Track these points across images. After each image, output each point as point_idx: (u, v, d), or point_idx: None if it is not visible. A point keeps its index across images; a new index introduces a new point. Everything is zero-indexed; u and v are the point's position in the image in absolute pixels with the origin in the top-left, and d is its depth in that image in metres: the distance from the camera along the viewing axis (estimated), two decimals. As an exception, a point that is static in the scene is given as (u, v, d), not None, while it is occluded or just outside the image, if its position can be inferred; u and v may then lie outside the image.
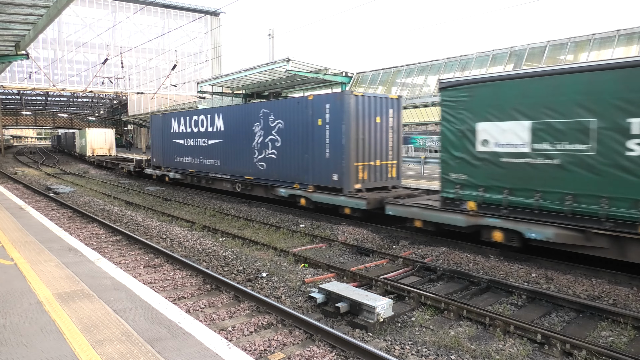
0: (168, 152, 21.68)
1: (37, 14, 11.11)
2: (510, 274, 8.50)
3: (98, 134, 42.32)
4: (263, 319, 6.27)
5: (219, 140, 17.90)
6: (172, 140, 21.25)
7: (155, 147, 23.09)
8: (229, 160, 17.36)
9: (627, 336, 5.94)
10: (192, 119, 19.61)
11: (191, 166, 19.80)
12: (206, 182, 18.97)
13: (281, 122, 14.56)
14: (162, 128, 22.21)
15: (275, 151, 14.92)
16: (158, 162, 22.95)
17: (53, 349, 3.85)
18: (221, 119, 17.69)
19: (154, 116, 23.57)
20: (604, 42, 16.71)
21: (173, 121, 21.09)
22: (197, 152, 19.28)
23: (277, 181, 14.95)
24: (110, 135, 43.07)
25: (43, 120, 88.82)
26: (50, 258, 6.80)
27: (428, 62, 22.44)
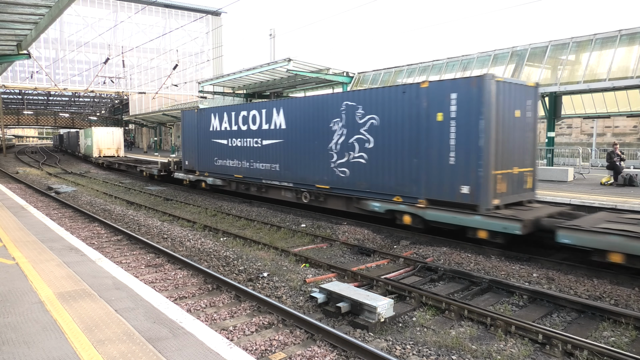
0: (205, 153, 18.72)
1: (39, 13, 11.12)
2: (511, 274, 8.49)
3: (105, 133, 39.25)
4: (264, 319, 6.27)
5: (278, 140, 14.90)
6: (211, 140, 18.16)
7: (188, 148, 19.96)
8: (292, 164, 14.37)
9: (628, 336, 5.93)
10: (240, 114, 16.57)
11: (237, 171, 16.88)
12: (258, 190, 16.12)
13: (375, 117, 11.55)
14: (197, 125, 19.16)
15: (364, 154, 11.93)
16: (191, 165, 19.80)
17: (54, 349, 3.86)
18: (281, 115, 14.70)
19: (187, 112, 20.24)
20: (606, 42, 16.68)
21: (213, 117, 18.01)
22: (246, 155, 16.37)
23: (367, 192, 11.97)
24: (118, 135, 40.10)
25: (44, 119, 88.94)
26: (51, 257, 6.80)
27: (429, 62, 22.42)
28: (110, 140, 39.35)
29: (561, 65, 17.85)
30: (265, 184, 15.60)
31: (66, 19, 50.24)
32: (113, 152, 39.20)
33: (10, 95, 69.19)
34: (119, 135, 40.23)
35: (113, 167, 34.46)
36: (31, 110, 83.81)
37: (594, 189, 14.14)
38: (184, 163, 20.60)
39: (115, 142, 39.73)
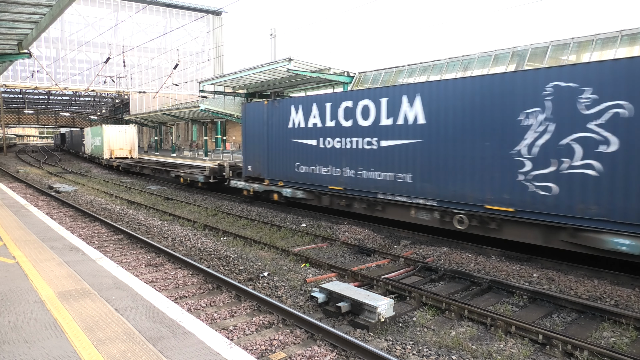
0: (280, 157, 14.91)
1: (40, 12, 11.13)
2: (511, 274, 8.49)
3: (117, 132, 35.20)
4: (264, 319, 6.28)
5: (409, 140, 10.92)
6: (289, 140, 14.37)
7: (253, 150, 16.18)
8: (437, 175, 10.33)
9: (628, 337, 5.93)
10: (342, 106, 12.57)
11: (334, 181, 12.91)
12: (368, 207, 12.00)
13: (621, 105, 7.64)
14: (267, 121, 15.43)
15: (594, 162, 7.98)
16: (257, 171, 16.04)
17: (55, 348, 3.86)
18: (417, 105, 10.67)
19: (252, 105, 16.60)
20: (607, 42, 16.67)
21: (294, 111, 14.25)
22: (349, 160, 12.43)
23: (599, 221, 7.94)
24: (132, 134, 35.94)
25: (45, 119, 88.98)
26: (52, 257, 6.81)
27: (430, 62, 22.43)
28: (123, 139, 35.33)
29: (562, 66, 17.83)
30: (383, 200, 11.50)
31: (67, 18, 50.27)
32: (126, 153, 35.28)
33: (11, 95, 69.26)
34: (133, 135, 36.13)
35: (131, 171, 30.51)
36: (32, 109, 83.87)
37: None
38: (245, 168, 16.72)
39: (129, 142, 35.65)
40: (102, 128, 34.98)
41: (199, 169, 22.71)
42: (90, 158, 41.18)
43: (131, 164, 30.16)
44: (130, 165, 30.24)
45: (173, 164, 27.44)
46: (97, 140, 37.00)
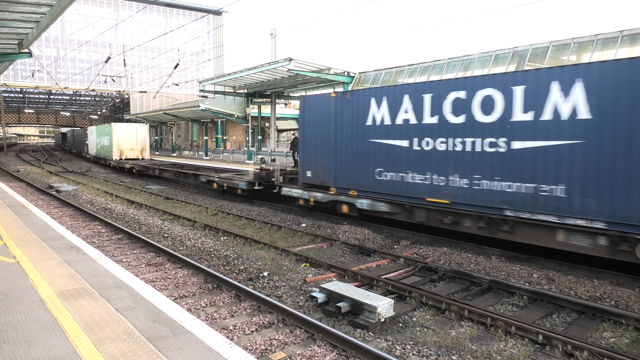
0: (353, 161, 12.33)
1: (41, 12, 11.14)
2: (511, 274, 8.49)
3: (128, 130, 32.72)
4: (264, 318, 6.28)
5: (564, 141, 8.38)
6: (367, 141, 11.89)
7: (315, 152, 13.58)
8: (610, 187, 7.85)
9: (628, 337, 5.93)
10: (448, 98, 10.07)
11: (434, 191, 10.40)
12: (487, 226, 9.55)
13: None
14: (334, 117, 12.76)
15: None
16: (319, 177, 13.47)
17: (55, 347, 3.86)
18: (579, 93, 8.14)
19: (313, 98, 13.97)
20: (607, 42, 16.67)
21: (374, 105, 11.70)
22: (458, 166, 9.95)
23: None
24: (143, 133, 33.34)
25: (45, 118, 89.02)
26: (52, 256, 6.81)
27: (430, 62, 22.42)
28: (134, 139, 32.77)
29: (562, 66, 17.82)
30: (513, 219, 9.05)
31: (67, 18, 50.27)
32: (137, 154, 32.75)
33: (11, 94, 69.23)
34: (144, 134, 33.50)
35: (147, 175, 27.51)
36: (32, 108, 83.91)
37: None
38: (302, 174, 14.12)
39: (140, 142, 33.06)
40: (111, 127, 32.21)
41: (234, 173, 19.95)
42: (95, 159, 38.64)
43: (147, 166, 27.02)
44: (146, 167, 27.00)
45: (194, 167, 24.82)
46: (105, 140, 34.46)
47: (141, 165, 27.82)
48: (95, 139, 38.37)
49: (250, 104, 33.44)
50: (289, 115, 47.57)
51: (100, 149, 36.29)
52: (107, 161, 33.75)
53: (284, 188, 14.89)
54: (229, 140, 46.54)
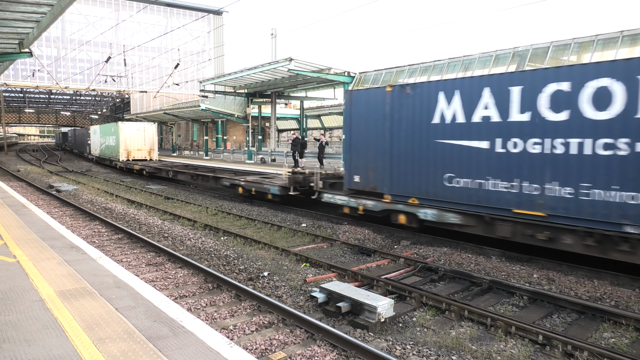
0: (415, 165, 10.77)
1: (41, 12, 11.13)
2: (511, 274, 8.49)
3: (135, 130, 30.91)
4: (264, 318, 6.28)
5: None
6: (433, 142, 10.31)
7: (364, 153, 11.97)
8: None
9: (629, 338, 5.93)
10: (544, 90, 8.57)
11: (524, 202, 8.93)
12: (599, 243, 8.08)
13: None
14: (391, 115, 11.18)
15: None
16: (370, 183, 11.87)
17: (55, 347, 3.86)
18: None
19: (363, 93, 12.47)
20: (608, 43, 16.65)
21: (443, 100, 10.11)
22: (558, 171, 8.45)
23: None
24: (151, 133, 31.58)
25: (46, 118, 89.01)
26: (52, 256, 6.81)
27: (431, 63, 22.41)
28: (142, 139, 30.95)
29: (563, 66, 17.81)
30: (638, 237, 7.61)
31: (68, 18, 50.27)
32: (145, 155, 30.99)
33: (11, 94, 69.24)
34: (153, 133, 31.75)
35: (159, 177, 25.57)
36: (32, 108, 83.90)
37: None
38: (348, 179, 12.45)
39: (148, 142, 31.34)
40: (118, 126, 30.51)
41: (260, 176, 18.15)
42: (99, 160, 36.92)
43: (159, 168, 24.99)
44: (158, 169, 24.91)
45: (209, 168, 23.40)
46: (110, 140, 32.65)
47: (152, 167, 25.91)
48: (99, 138, 36.72)
49: (250, 104, 33.43)
50: (289, 115, 47.58)
51: (104, 149, 34.61)
52: (112, 162, 32.16)
53: (326, 194, 13.16)
54: (229, 140, 46.54)
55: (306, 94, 34.34)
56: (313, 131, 53.62)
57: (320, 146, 25.56)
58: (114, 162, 31.70)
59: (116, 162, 30.93)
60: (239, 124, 43.50)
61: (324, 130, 46.20)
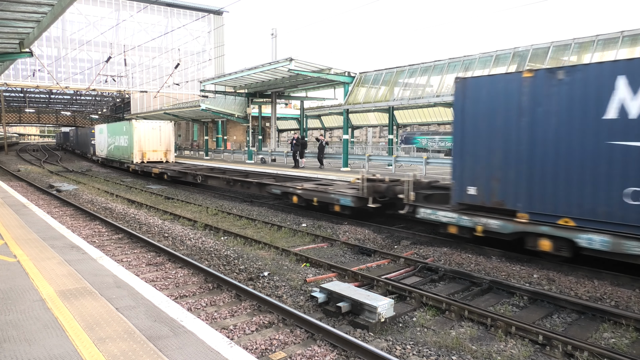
0: (570, 174, 8.24)
1: (42, 12, 11.15)
2: (512, 274, 8.49)
3: (151, 129, 28.01)
4: (264, 318, 6.28)
5: None
6: (606, 144, 7.80)
7: (486, 156, 9.50)
8: None
9: (629, 338, 5.93)
10: None
11: None
12: None
13: None
14: (530, 109, 8.75)
15: None
16: (494, 196, 9.37)
17: (56, 346, 3.87)
18: None
19: (484, 81, 9.82)
20: (608, 43, 16.65)
21: (624, 87, 7.55)
22: None
23: None
24: (167, 132, 28.69)
25: (46, 118, 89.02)
26: (53, 255, 6.82)
27: (431, 63, 22.41)
28: (157, 139, 27.99)
29: (563, 66, 17.81)
30: None
31: (68, 17, 50.28)
32: (161, 156, 28.17)
33: (12, 93, 69.27)
34: (169, 133, 28.73)
35: (183, 181, 22.55)
36: (33, 108, 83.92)
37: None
38: (459, 190, 9.99)
39: (164, 143, 28.37)
40: (132, 124, 27.63)
41: (316, 183, 15.64)
42: (105, 161, 34.17)
43: (184, 172, 21.95)
44: (183, 173, 21.89)
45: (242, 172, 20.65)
46: (121, 140, 29.73)
47: (175, 171, 22.39)
48: (105, 138, 33.87)
49: (250, 104, 33.45)
50: (289, 115, 47.59)
51: (113, 150, 31.68)
52: (124, 164, 29.08)
53: (423, 210, 10.60)
54: (229, 140, 46.57)
55: (306, 94, 34.34)
56: (313, 131, 53.64)
57: (320, 146, 25.52)
58: (125, 165, 28.76)
59: (128, 165, 28.04)
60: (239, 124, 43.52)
61: (324, 131, 46.21)
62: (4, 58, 16.08)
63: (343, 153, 24.23)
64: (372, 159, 25.13)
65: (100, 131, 35.94)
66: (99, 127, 36.84)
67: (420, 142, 45.68)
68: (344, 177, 18.03)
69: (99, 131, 36.42)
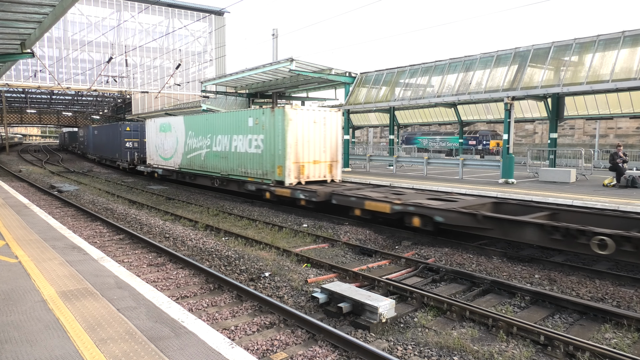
0: None
1: (43, 12, 11.15)
2: (513, 275, 8.48)
3: (312, 122, 15.64)
4: (265, 319, 6.28)
5: None
6: None
7: None
8: None
9: (630, 338, 5.92)
10: None
11: None
12: None
13: None
14: None
15: None
16: None
17: (57, 347, 3.87)
18: None
19: None
20: (609, 43, 16.63)
21: None
22: None
23: None
24: (334, 128, 16.36)
25: (47, 118, 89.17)
26: (54, 256, 6.82)
27: (432, 63, 22.41)
28: (321, 139, 15.91)
29: (564, 67, 17.80)
30: None
31: (70, 18, 50.38)
32: (324, 172, 16.08)
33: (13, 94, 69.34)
34: (336, 129, 16.45)
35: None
36: (34, 109, 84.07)
37: (596, 190, 14.08)
38: None
39: (329, 147, 16.20)
40: (284, 114, 14.97)
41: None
42: (172, 175, 21.97)
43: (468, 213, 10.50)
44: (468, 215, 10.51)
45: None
46: (239, 142, 16.95)
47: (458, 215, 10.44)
48: (177, 139, 21.26)
49: (251, 105, 33.48)
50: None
51: (208, 159, 18.88)
52: (246, 185, 16.54)
53: None
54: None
55: (307, 95, 34.37)
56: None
57: None
58: (247, 186, 16.48)
59: (263, 187, 15.61)
60: (240, 125, 43.42)
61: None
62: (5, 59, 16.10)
63: (344, 153, 24.20)
64: (373, 159, 25.15)
65: (163, 128, 22.69)
66: (153, 123, 24.06)
67: (422, 142, 45.68)
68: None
69: (156, 128, 23.49)
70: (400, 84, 23.60)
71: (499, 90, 18.68)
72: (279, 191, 15.05)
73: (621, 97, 23.15)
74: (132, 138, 29.22)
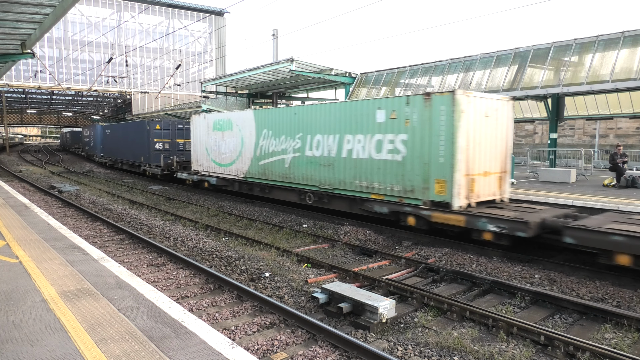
0: None
1: (43, 13, 11.16)
2: (513, 275, 8.49)
3: (484, 116, 10.45)
4: (266, 319, 6.29)
5: None
6: None
7: None
8: None
9: (630, 338, 5.92)
10: None
11: None
12: None
13: None
14: None
15: None
16: None
17: (58, 347, 3.88)
18: None
19: None
20: (609, 43, 16.65)
21: None
22: None
23: None
24: (504, 123, 11.08)
25: (48, 118, 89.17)
26: (54, 256, 6.83)
27: (432, 63, 22.42)
28: (492, 140, 10.84)
29: (564, 67, 17.82)
30: None
31: (70, 19, 50.43)
32: (493, 188, 11.10)
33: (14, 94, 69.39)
34: (506, 126, 11.24)
35: None
36: (34, 109, 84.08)
37: (597, 190, 14.08)
38: None
39: (501, 152, 11.18)
40: (455, 100, 9.83)
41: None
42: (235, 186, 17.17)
43: None
44: None
45: None
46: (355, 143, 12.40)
47: None
48: (242, 138, 16.75)
49: (251, 105, 33.50)
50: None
51: (294, 166, 14.56)
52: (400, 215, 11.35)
53: None
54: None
55: (307, 95, 34.39)
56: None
57: None
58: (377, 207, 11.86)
59: (408, 211, 11.10)
60: (240, 125, 43.43)
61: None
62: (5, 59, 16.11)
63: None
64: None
65: (219, 125, 18.11)
66: (210, 118, 18.88)
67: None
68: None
69: (208, 126, 18.86)
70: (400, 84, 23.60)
71: (499, 90, 18.69)
72: (438, 217, 10.25)
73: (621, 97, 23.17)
74: (162, 138, 24.66)
